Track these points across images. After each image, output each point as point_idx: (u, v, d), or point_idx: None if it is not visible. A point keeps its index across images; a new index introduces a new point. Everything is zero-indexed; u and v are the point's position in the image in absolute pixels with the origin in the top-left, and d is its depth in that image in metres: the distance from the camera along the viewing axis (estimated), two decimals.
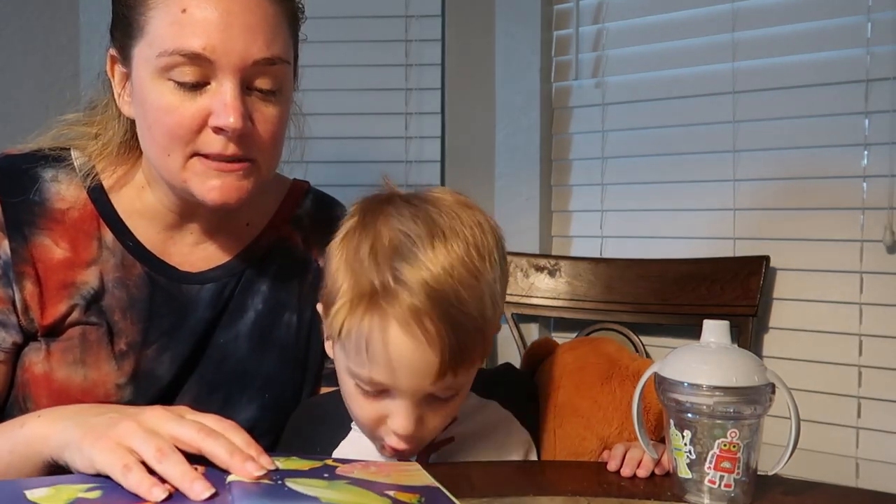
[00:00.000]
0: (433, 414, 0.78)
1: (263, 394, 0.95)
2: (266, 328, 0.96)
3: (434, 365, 0.72)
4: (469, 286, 0.73)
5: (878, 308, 1.28)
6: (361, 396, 0.78)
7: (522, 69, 1.61)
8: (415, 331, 0.71)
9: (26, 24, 1.67)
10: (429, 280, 0.71)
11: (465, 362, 0.74)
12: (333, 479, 0.64)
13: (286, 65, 0.85)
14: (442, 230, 0.74)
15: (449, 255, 0.73)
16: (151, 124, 0.83)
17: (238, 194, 0.84)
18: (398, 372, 0.73)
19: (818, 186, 1.34)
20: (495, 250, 0.77)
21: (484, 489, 0.73)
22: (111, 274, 0.90)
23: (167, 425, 0.64)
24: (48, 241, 0.88)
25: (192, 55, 0.79)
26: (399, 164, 1.67)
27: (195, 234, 0.94)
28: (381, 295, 0.72)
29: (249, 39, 0.80)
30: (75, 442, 0.65)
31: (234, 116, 0.80)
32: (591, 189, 1.59)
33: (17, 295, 0.86)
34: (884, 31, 1.27)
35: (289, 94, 0.88)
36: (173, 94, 0.81)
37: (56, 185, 0.90)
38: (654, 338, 1.46)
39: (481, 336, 0.76)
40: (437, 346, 0.72)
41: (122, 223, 0.91)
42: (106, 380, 0.88)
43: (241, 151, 0.83)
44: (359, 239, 0.76)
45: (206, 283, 0.94)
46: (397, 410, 0.75)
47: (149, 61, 0.81)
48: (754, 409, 0.69)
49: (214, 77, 0.81)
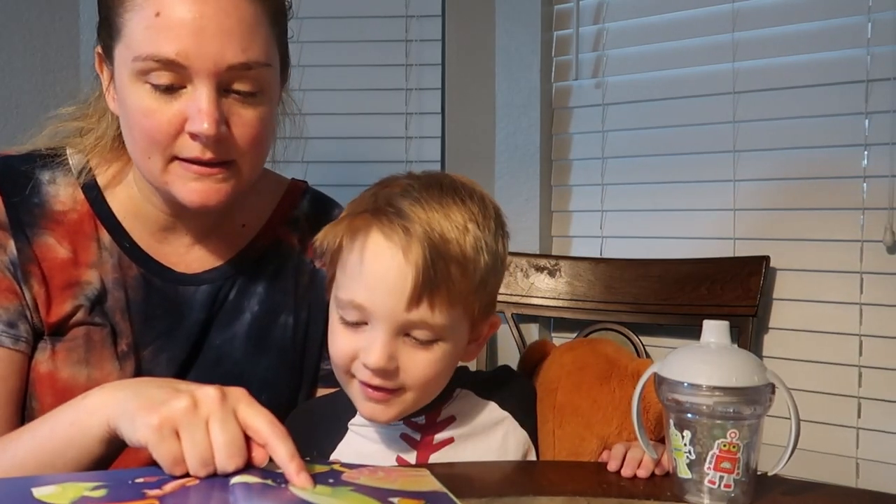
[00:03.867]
0: (408, 358, 0.78)
1: (260, 395, 0.94)
2: (262, 330, 0.96)
3: (408, 281, 0.75)
4: (459, 227, 0.77)
5: (878, 308, 1.28)
6: (341, 330, 0.80)
7: (522, 69, 1.61)
8: (394, 239, 0.75)
9: (26, 24, 1.67)
10: (421, 210, 0.77)
11: (441, 294, 0.76)
12: (338, 485, 0.63)
13: (266, 67, 0.83)
14: (448, 186, 0.81)
15: (449, 203, 0.79)
16: (132, 126, 0.83)
17: (218, 197, 0.84)
18: (375, 289, 0.76)
19: (818, 186, 1.34)
20: (493, 220, 0.82)
21: (484, 489, 0.73)
22: (110, 275, 0.90)
23: (248, 409, 0.65)
24: (51, 240, 0.88)
25: (166, 61, 0.78)
26: (399, 164, 1.67)
27: (190, 234, 0.94)
28: (371, 212, 0.78)
29: (224, 44, 0.79)
30: (130, 412, 0.65)
31: (209, 122, 0.79)
32: (591, 189, 1.59)
33: (27, 293, 0.86)
34: (884, 31, 1.27)
35: (272, 94, 0.86)
36: (150, 97, 0.80)
37: (54, 188, 0.90)
38: (654, 338, 1.46)
39: (463, 276, 0.77)
40: (413, 261, 0.75)
41: (118, 224, 0.91)
42: (109, 380, 0.87)
43: (218, 156, 0.82)
44: (363, 194, 0.83)
45: (202, 285, 0.93)
46: (371, 340, 0.77)
47: (126, 64, 0.81)
48: (754, 409, 0.69)
49: (190, 81, 0.79)
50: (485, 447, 0.87)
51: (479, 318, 0.83)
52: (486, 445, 0.87)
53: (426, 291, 0.75)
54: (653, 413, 0.87)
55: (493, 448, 0.87)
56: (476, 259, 0.78)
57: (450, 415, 0.87)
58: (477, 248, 0.78)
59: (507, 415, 0.89)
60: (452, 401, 0.87)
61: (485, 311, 0.84)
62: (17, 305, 0.86)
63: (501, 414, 0.89)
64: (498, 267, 0.83)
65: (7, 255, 0.87)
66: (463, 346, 0.84)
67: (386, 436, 0.86)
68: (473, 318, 0.82)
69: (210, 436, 0.62)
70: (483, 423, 0.88)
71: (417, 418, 0.86)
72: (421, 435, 0.85)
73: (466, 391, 0.89)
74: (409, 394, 0.80)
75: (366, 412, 0.82)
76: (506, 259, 0.86)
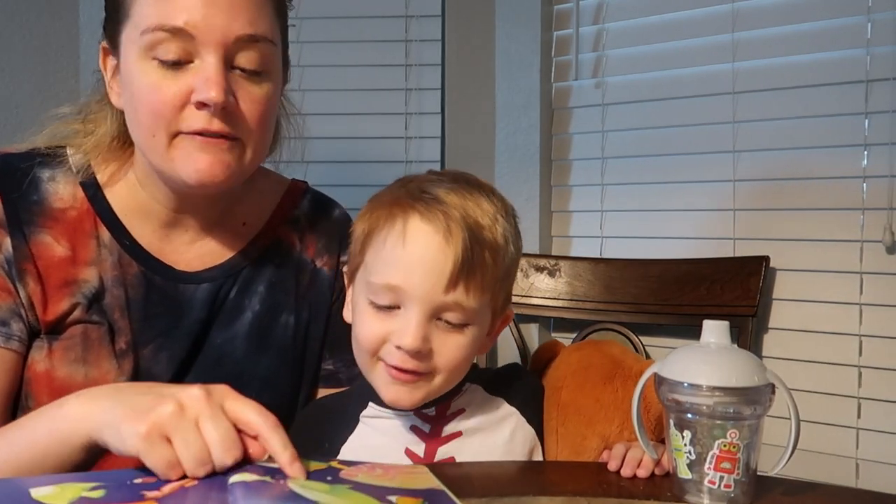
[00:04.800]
0: (441, 342, 0.80)
1: (261, 395, 0.94)
2: (263, 329, 0.96)
3: (448, 263, 0.77)
4: (489, 214, 0.81)
5: (878, 308, 1.28)
6: (371, 313, 0.81)
7: (522, 69, 1.61)
8: (435, 223, 0.78)
9: (26, 24, 1.67)
10: (456, 198, 0.80)
11: (476, 278, 0.78)
12: (336, 482, 0.63)
13: (271, 45, 0.85)
14: (473, 181, 0.84)
15: (477, 194, 0.82)
16: (137, 106, 0.83)
17: (223, 170, 0.83)
18: (413, 270, 0.78)
19: (818, 186, 1.34)
20: (513, 217, 0.86)
21: (484, 489, 0.73)
22: (109, 273, 0.90)
23: (235, 404, 0.65)
24: (49, 238, 0.88)
25: (174, 30, 0.80)
26: (399, 164, 1.67)
27: (191, 231, 0.94)
28: (405, 197, 0.80)
29: (232, 16, 0.81)
30: (114, 422, 0.65)
31: (216, 91, 0.80)
32: (591, 189, 1.59)
33: (21, 292, 0.86)
34: (884, 31, 1.27)
35: (276, 77, 0.88)
36: (157, 73, 0.81)
37: (53, 185, 0.90)
38: (654, 338, 1.45)
39: (494, 263, 0.80)
40: (454, 244, 0.77)
41: (118, 221, 0.91)
42: (107, 378, 0.88)
43: (225, 128, 0.83)
44: (388, 188, 0.85)
45: (202, 283, 0.94)
46: (406, 322, 0.78)
47: (134, 42, 0.82)
48: (754, 409, 0.69)
49: (197, 54, 0.81)
50: (492, 442, 0.88)
51: (499, 308, 0.86)
52: (494, 440, 0.88)
53: (464, 274, 0.78)
54: (653, 413, 0.87)
55: (500, 443, 0.88)
56: (505, 248, 0.82)
57: (459, 407, 0.88)
58: (506, 238, 0.82)
59: (515, 411, 0.90)
60: (462, 394, 0.89)
61: (504, 304, 0.87)
62: (10, 304, 0.86)
63: (509, 410, 0.90)
64: (518, 261, 0.86)
65: (2, 253, 0.87)
66: (485, 335, 0.86)
67: (396, 428, 0.87)
68: (496, 307, 0.85)
69: (203, 435, 0.62)
70: (491, 419, 0.89)
71: (428, 409, 0.87)
72: (430, 427, 0.86)
73: (476, 386, 0.90)
74: (437, 377, 0.82)
75: (390, 396, 0.82)
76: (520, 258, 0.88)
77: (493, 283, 0.81)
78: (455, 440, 0.86)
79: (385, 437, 0.87)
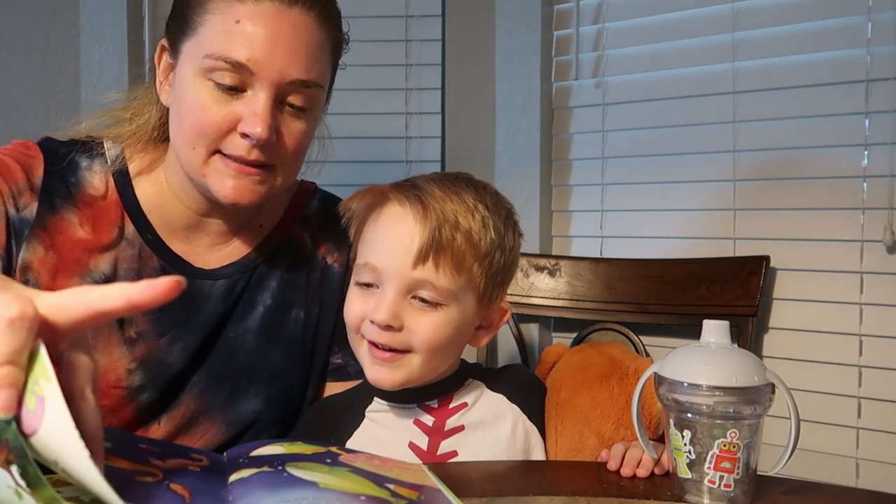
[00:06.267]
0: (414, 319, 0.84)
1: (270, 387, 0.98)
2: (274, 323, 0.98)
3: (416, 240, 0.82)
4: (469, 205, 0.85)
5: (878, 308, 1.28)
6: (356, 293, 0.87)
7: (522, 69, 1.61)
8: (407, 206, 0.84)
9: (26, 24, 1.67)
10: (436, 188, 0.85)
11: (445, 256, 0.82)
12: (335, 465, 0.64)
13: (320, 89, 0.90)
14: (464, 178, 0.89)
15: (463, 187, 0.87)
16: (184, 116, 0.87)
17: (251, 196, 0.88)
18: (385, 248, 0.84)
19: (818, 186, 1.34)
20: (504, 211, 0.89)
21: (484, 489, 0.73)
22: (126, 263, 0.92)
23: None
24: (74, 218, 0.91)
25: (236, 63, 0.83)
26: (399, 164, 1.67)
27: (211, 236, 0.97)
28: (391, 188, 0.87)
29: (291, 59, 0.85)
30: None
31: (262, 127, 0.84)
32: (591, 189, 1.59)
33: (21, 254, 0.88)
34: (884, 31, 1.27)
35: (318, 113, 0.93)
36: (210, 94, 0.85)
37: (90, 174, 0.94)
38: (654, 338, 1.45)
39: (468, 244, 0.84)
40: (422, 223, 0.82)
41: (143, 215, 0.94)
42: (117, 364, 0.91)
43: (263, 158, 0.87)
44: None
45: (218, 280, 0.96)
46: (380, 299, 0.83)
47: (195, 59, 0.85)
48: (754, 409, 0.69)
49: (251, 86, 0.85)
50: (494, 436, 0.89)
51: (486, 297, 0.87)
52: (496, 435, 0.89)
53: (432, 251, 0.82)
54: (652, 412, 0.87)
55: (502, 438, 0.89)
56: (481, 232, 0.85)
57: (462, 401, 0.90)
58: (484, 224, 0.85)
59: (516, 407, 0.91)
60: (464, 388, 0.91)
61: (492, 294, 0.88)
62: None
63: (511, 406, 0.91)
64: (505, 248, 0.88)
65: (20, 212, 0.89)
66: (470, 322, 0.88)
67: (400, 422, 0.89)
68: (479, 293, 0.86)
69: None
70: (493, 414, 0.90)
71: (430, 402, 0.89)
72: (434, 420, 0.88)
73: (478, 382, 0.92)
74: (415, 357, 0.84)
75: (372, 375, 0.86)
76: (516, 251, 0.90)
77: (468, 265, 0.84)
78: (458, 434, 0.87)
79: (389, 430, 0.88)
